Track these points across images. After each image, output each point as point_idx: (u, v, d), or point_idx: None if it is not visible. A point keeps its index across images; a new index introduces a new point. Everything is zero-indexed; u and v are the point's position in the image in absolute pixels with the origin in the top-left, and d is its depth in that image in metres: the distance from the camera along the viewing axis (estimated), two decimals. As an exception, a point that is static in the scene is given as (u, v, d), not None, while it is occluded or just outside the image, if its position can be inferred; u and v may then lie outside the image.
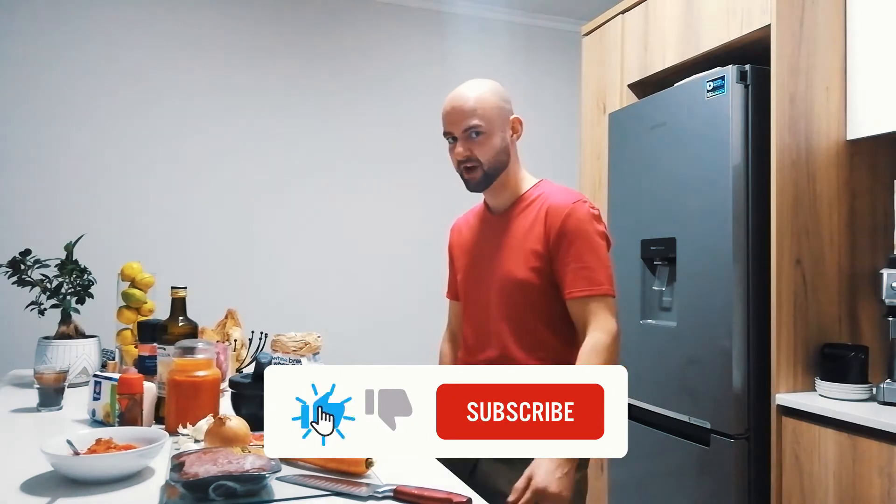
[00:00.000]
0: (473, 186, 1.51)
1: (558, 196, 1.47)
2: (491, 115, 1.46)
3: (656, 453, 2.30)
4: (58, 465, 1.07)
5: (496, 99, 1.49)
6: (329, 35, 3.60)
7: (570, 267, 1.41)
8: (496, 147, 1.47)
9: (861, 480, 1.70)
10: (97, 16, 3.23)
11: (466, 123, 1.45)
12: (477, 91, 1.48)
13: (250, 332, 2.03)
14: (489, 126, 1.46)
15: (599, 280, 1.41)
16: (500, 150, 1.48)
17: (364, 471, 1.10)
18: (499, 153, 1.48)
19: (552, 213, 1.44)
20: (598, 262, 1.42)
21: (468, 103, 1.46)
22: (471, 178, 1.49)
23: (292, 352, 1.73)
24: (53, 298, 1.92)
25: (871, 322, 2.04)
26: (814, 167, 2.01)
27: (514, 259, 1.47)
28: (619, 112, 2.65)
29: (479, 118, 1.45)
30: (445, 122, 1.49)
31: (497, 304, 1.50)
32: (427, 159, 3.65)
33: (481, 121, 1.45)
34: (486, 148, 1.46)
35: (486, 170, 1.48)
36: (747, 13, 2.09)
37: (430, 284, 3.02)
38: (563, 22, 4.01)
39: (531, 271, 1.45)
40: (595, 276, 1.41)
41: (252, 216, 3.45)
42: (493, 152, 1.47)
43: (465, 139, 1.46)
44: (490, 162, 1.47)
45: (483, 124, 1.45)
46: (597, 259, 1.42)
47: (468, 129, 1.45)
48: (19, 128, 3.11)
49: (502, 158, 1.49)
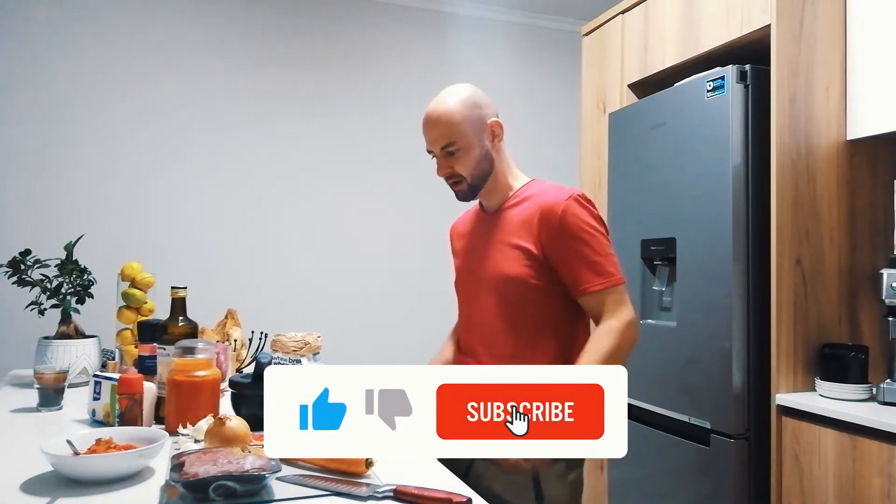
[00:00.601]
0: (462, 197, 1.54)
1: (550, 194, 1.46)
2: (464, 129, 1.46)
3: (656, 453, 2.30)
4: (58, 465, 1.07)
5: (467, 110, 1.47)
6: (329, 36, 3.60)
7: (577, 263, 1.41)
8: (476, 158, 1.48)
9: (861, 480, 1.70)
10: (100, 20, 3.23)
11: (441, 143, 1.47)
12: (446, 106, 1.47)
13: (250, 332, 2.03)
14: (463, 141, 1.46)
15: (609, 271, 1.41)
16: (480, 159, 1.48)
17: (364, 471, 1.10)
18: (480, 162, 1.49)
19: (546, 213, 1.43)
20: (603, 254, 1.42)
21: (439, 123, 1.47)
22: (458, 190, 1.52)
23: (292, 352, 1.73)
24: (53, 298, 1.92)
25: (871, 322, 2.04)
26: (814, 167, 2.01)
27: (502, 255, 1.47)
28: (619, 112, 2.65)
29: (452, 136, 1.46)
30: (424, 139, 1.51)
31: (487, 301, 1.50)
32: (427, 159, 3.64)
33: (454, 138, 1.46)
34: (466, 161, 1.48)
35: (471, 182, 1.49)
36: (747, 13, 2.09)
37: (430, 284, 3.03)
38: (563, 22, 4.01)
39: (519, 266, 1.45)
40: (603, 268, 1.41)
41: (252, 216, 3.45)
42: (474, 163, 1.48)
43: (443, 157, 1.49)
44: (473, 174, 1.49)
45: (457, 141, 1.46)
46: (600, 250, 1.42)
47: (444, 148, 1.47)
48: (19, 128, 3.11)
49: (484, 167, 1.50)
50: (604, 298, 1.41)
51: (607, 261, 1.42)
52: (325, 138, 3.58)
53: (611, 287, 1.41)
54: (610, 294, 1.41)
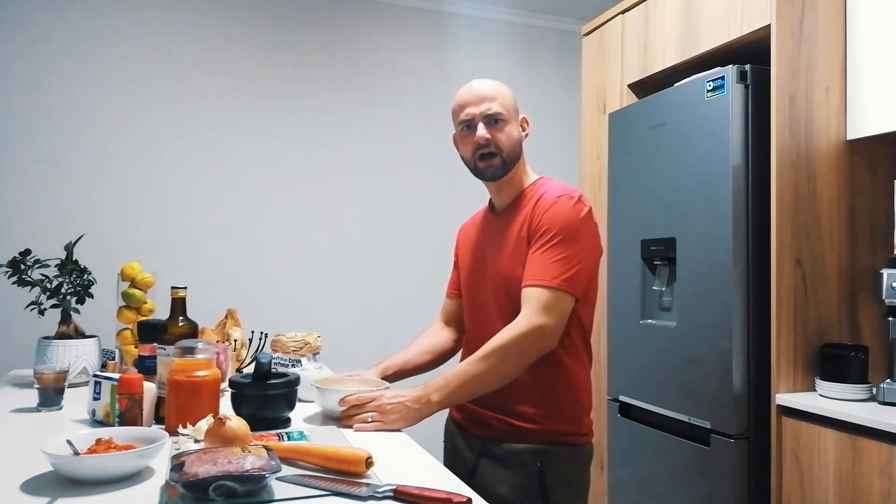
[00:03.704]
0: (490, 174, 1.50)
1: (551, 191, 1.47)
2: (509, 106, 1.50)
3: (656, 453, 2.30)
4: (58, 465, 1.07)
5: (510, 94, 1.52)
6: (329, 35, 3.60)
7: (533, 255, 1.41)
8: (514, 137, 1.50)
9: (861, 480, 1.70)
10: (97, 18, 3.23)
11: (488, 109, 1.47)
12: (494, 83, 1.51)
13: (250, 332, 2.03)
14: (509, 115, 1.49)
15: (552, 274, 1.37)
16: (516, 141, 1.50)
17: (364, 471, 1.10)
18: (515, 144, 1.50)
19: (539, 206, 1.45)
20: (560, 256, 1.38)
21: (488, 91, 1.48)
22: (488, 165, 1.48)
23: (292, 352, 1.73)
24: (53, 298, 1.91)
25: (871, 322, 2.04)
26: (814, 167, 2.01)
27: (509, 258, 1.48)
28: (619, 112, 2.65)
29: (500, 105, 1.48)
30: (463, 108, 1.49)
31: (494, 303, 1.50)
32: (427, 159, 3.65)
33: (502, 108, 1.48)
34: (506, 136, 1.48)
35: (505, 158, 1.48)
36: (747, 13, 2.09)
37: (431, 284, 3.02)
38: (563, 22, 4.01)
39: (522, 267, 1.45)
40: (548, 269, 1.37)
41: (252, 216, 3.45)
42: (512, 141, 1.49)
43: (486, 124, 1.47)
44: (509, 151, 1.48)
45: (504, 112, 1.48)
46: (560, 251, 1.38)
47: (489, 115, 1.47)
48: (19, 128, 3.11)
49: (517, 151, 1.51)
50: (531, 295, 1.38)
51: (559, 264, 1.37)
52: (326, 138, 3.58)
53: (541, 287, 1.37)
54: (540, 293, 1.36)
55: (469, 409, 1.54)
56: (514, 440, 1.44)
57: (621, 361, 2.51)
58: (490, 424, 1.48)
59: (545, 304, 1.36)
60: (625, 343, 2.48)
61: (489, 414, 1.49)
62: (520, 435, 1.43)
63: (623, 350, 2.49)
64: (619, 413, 2.53)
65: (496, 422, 1.47)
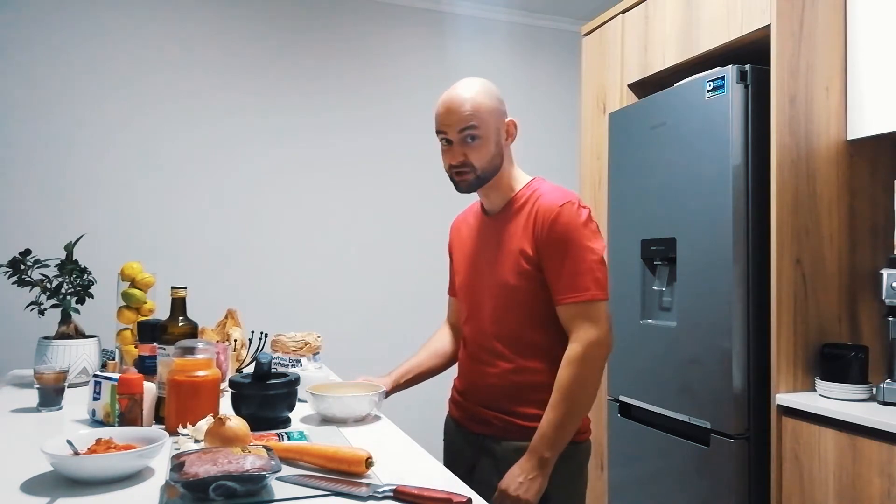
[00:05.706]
0: (464, 189, 1.49)
1: (548, 197, 1.44)
2: (487, 119, 1.42)
3: (656, 453, 2.30)
4: (58, 465, 1.07)
5: (492, 101, 1.45)
6: (328, 35, 3.60)
7: (558, 273, 1.40)
8: (491, 152, 1.44)
9: (861, 480, 1.70)
10: (97, 16, 3.23)
11: (462, 126, 1.41)
12: (473, 92, 1.43)
13: (250, 332, 2.03)
14: (485, 130, 1.42)
15: (585, 285, 1.38)
16: (494, 154, 1.45)
17: (364, 471, 1.10)
18: (493, 158, 1.45)
19: (541, 215, 1.42)
20: (585, 267, 1.38)
21: (465, 106, 1.41)
22: (462, 181, 1.46)
23: (292, 352, 1.73)
24: (53, 298, 1.91)
25: (871, 322, 2.05)
26: (814, 167, 2.01)
27: (507, 265, 1.46)
28: (619, 112, 2.65)
29: (476, 122, 1.41)
30: (439, 122, 1.45)
31: (492, 308, 1.50)
32: (427, 159, 3.65)
33: (477, 124, 1.41)
34: (482, 153, 1.43)
35: (479, 174, 1.45)
36: (747, 13, 2.09)
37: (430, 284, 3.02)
38: (563, 22, 4.01)
39: (522, 276, 1.44)
40: (580, 281, 1.38)
41: (252, 216, 3.45)
42: (488, 157, 1.44)
43: (460, 143, 1.43)
44: (484, 167, 1.44)
45: (479, 127, 1.41)
46: (583, 263, 1.38)
47: (464, 132, 1.41)
48: (19, 128, 3.11)
49: (496, 163, 1.46)
50: (573, 313, 1.38)
51: (587, 274, 1.38)
52: (326, 138, 3.58)
53: (582, 302, 1.38)
54: (581, 309, 1.38)
55: (468, 407, 1.54)
56: (514, 438, 1.44)
57: (621, 361, 2.51)
58: (489, 422, 1.49)
59: (590, 317, 1.38)
60: (625, 343, 2.48)
61: (489, 412, 1.49)
62: (519, 432, 1.43)
63: (623, 350, 2.49)
64: (619, 413, 2.53)
65: (496, 420, 1.47)
